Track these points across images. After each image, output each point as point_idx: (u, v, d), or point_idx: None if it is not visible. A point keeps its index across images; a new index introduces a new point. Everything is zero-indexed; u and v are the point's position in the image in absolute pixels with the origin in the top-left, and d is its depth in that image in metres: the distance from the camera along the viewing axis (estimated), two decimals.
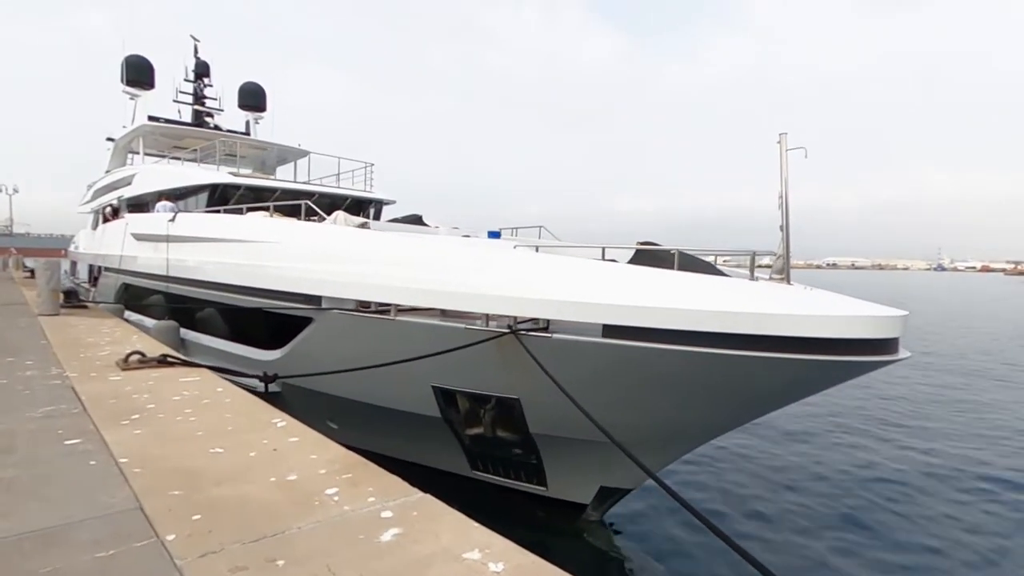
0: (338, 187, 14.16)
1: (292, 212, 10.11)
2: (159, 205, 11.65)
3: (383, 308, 6.33)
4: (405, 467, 3.44)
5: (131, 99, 17.00)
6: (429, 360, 5.59)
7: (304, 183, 13.76)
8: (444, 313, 6.12)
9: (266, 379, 5.49)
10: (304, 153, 16.10)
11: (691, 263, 5.54)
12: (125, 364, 5.18)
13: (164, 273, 10.41)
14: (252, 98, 18.90)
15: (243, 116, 19.16)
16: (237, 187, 12.14)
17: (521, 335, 5.23)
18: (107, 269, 14.67)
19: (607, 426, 5.61)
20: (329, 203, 12.82)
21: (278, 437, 3.33)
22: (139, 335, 7.56)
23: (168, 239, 10.37)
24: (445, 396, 6.32)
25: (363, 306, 6.48)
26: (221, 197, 11.91)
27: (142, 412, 3.76)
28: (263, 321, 8.17)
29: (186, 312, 10.04)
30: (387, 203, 14.75)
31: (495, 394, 5.99)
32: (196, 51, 18.55)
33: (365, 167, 14.66)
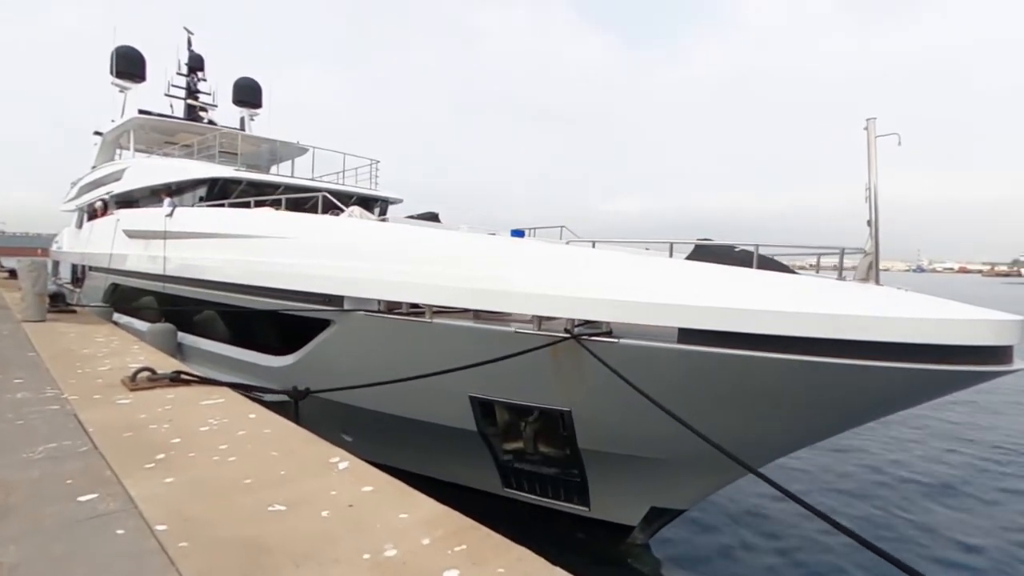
0: (343, 184, 13.47)
1: (298, 208, 9.47)
2: (167, 202, 10.85)
3: (416, 310, 5.71)
4: (422, 481, 2.83)
5: (120, 91, 16.09)
6: (469, 368, 4.99)
7: (308, 179, 13.03)
8: (476, 315, 5.53)
9: (296, 395, 4.76)
10: (303, 150, 15.32)
11: (760, 261, 5.04)
12: (133, 383, 4.44)
13: (161, 272, 9.61)
14: (248, 94, 18.08)
15: (237, 112, 18.35)
16: (238, 182, 11.39)
17: (583, 340, 4.64)
18: (94, 269, 13.78)
19: (670, 439, 5.00)
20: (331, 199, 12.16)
21: (347, 485, 2.64)
22: (140, 345, 6.79)
23: (166, 236, 9.58)
24: (483, 407, 5.71)
25: (391, 307, 5.84)
26: (220, 192, 11.17)
27: (168, 450, 3.05)
28: (272, 324, 7.50)
29: (183, 314, 9.27)
30: (394, 201, 14.07)
31: (542, 405, 5.41)
32: (190, 44, 17.69)
33: (370, 164, 13.98)
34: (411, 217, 10.68)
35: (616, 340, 4.57)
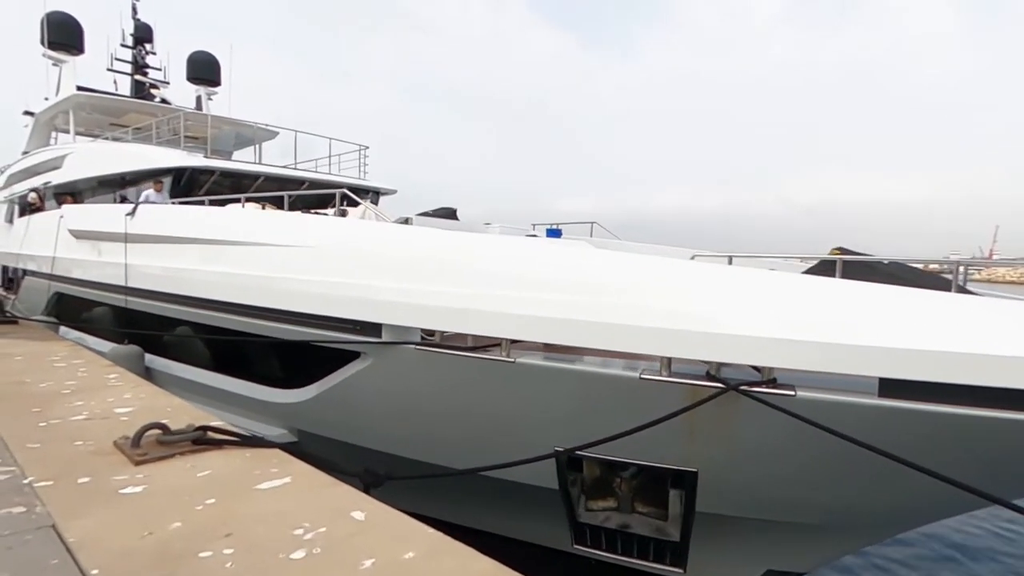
0: (329, 173, 11.88)
1: (281, 206, 8.02)
2: (145, 194, 8.94)
3: (486, 343, 4.37)
4: (466, 533, 2.22)
5: (55, 65, 13.78)
6: (560, 415, 4.11)
7: (290, 168, 11.36)
8: (547, 348, 4.33)
9: (370, 479, 3.24)
10: (273, 133, 13.52)
11: (913, 276, 4.04)
12: (139, 451, 2.92)
13: (122, 283, 7.82)
14: (204, 69, 16.02)
15: (192, 91, 16.28)
16: (209, 171, 9.66)
17: (751, 392, 3.47)
18: (31, 273, 11.66)
19: (829, 503, 4.09)
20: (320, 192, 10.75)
21: None
22: (117, 372, 5.14)
23: (127, 239, 7.79)
24: (570, 462, 4.47)
25: (449, 338, 4.60)
26: (188, 185, 9.43)
27: None
28: (268, 349, 6.02)
29: (150, 330, 7.57)
30: (386, 192, 12.57)
31: (657, 464, 4.19)
32: (135, 11, 15.46)
33: (359, 150, 12.42)
34: (425, 214, 9.26)
35: (793, 393, 3.42)
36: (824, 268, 4.64)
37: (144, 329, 7.57)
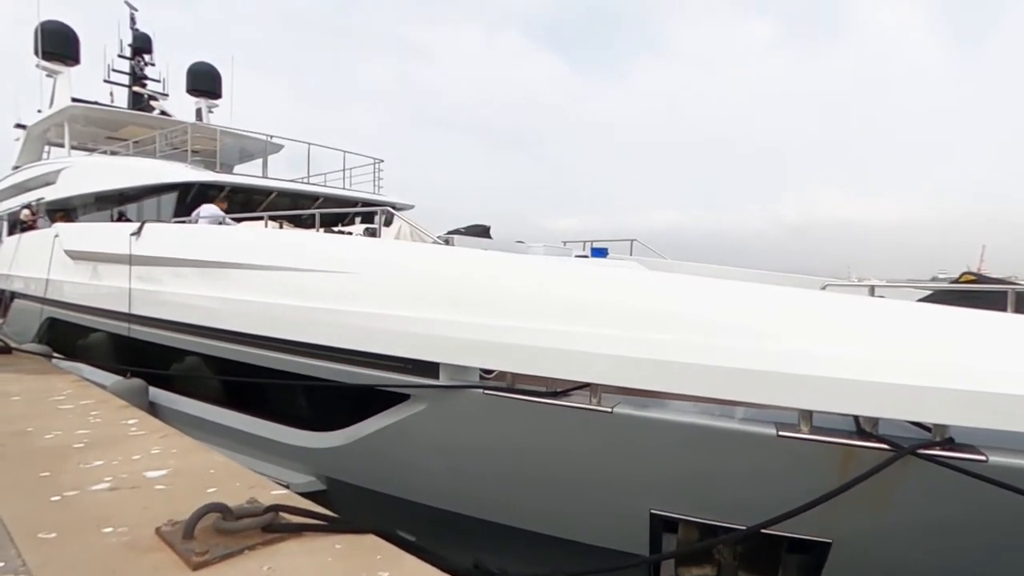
0: (343, 188, 11.32)
1: (300, 224, 7.44)
2: (202, 209, 8.14)
3: (563, 386, 3.77)
4: None
5: (48, 76, 13.14)
6: (661, 473, 3.58)
7: (303, 182, 10.78)
8: (623, 391, 3.74)
9: None
10: (279, 147, 12.94)
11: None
12: (196, 548, 2.26)
13: (124, 310, 7.13)
14: (205, 81, 15.47)
15: (192, 103, 15.70)
16: (219, 187, 9.04)
17: (925, 455, 2.87)
18: (21, 296, 10.90)
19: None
20: (336, 208, 10.18)
21: None
22: (136, 416, 4.43)
23: (131, 261, 7.11)
24: (666, 525, 3.86)
25: (518, 380, 3.98)
26: (195, 201, 8.80)
27: None
28: (296, 385, 5.40)
29: (154, 363, 6.87)
30: (402, 207, 11.96)
31: (777, 532, 3.59)
32: (133, 21, 14.88)
33: (373, 163, 11.88)
34: (457, 231, 8.68)
35: (984, 458, 2.81)
36: (942, 297, 4.10)
37: (149, 359, 6.88)
